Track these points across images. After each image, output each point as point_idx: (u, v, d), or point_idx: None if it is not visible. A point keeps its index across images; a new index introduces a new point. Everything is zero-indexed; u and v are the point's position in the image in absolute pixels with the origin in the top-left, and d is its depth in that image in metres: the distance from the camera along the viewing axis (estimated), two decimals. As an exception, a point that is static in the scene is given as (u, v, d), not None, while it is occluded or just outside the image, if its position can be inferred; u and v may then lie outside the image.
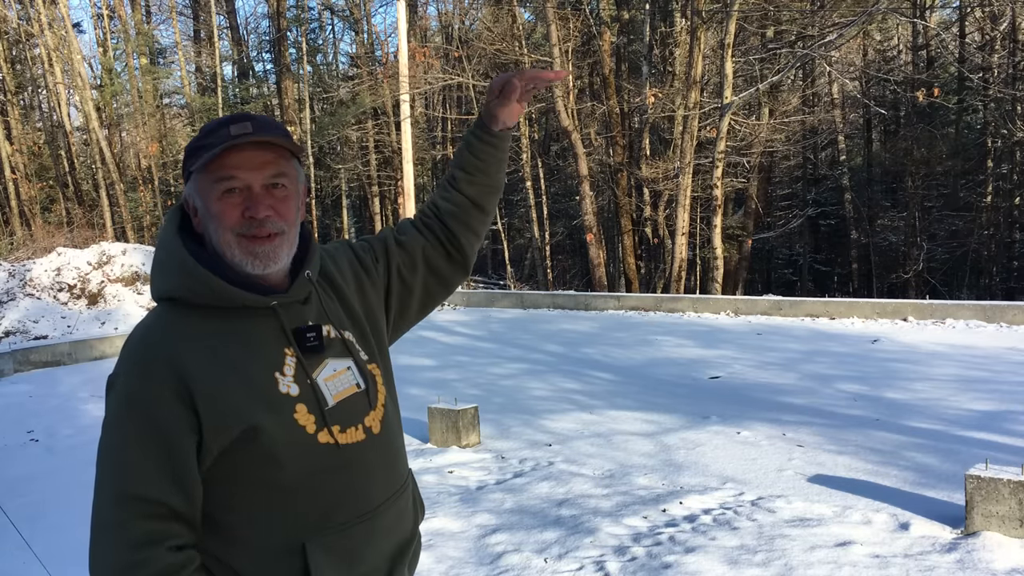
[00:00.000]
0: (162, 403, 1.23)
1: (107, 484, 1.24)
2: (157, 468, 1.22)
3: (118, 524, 1.21)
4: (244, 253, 1.30)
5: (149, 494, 1.21)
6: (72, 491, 5.06)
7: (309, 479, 1.29)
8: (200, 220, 1.33)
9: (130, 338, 1.32)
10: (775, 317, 11.88)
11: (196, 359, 1.25)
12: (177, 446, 1.23)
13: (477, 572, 3.59)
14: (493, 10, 21.93)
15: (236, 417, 1.24)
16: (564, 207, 24.72)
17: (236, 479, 1.27)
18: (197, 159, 1.30)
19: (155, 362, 1.25)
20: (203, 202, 1.31)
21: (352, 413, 1.36)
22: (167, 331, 1.29)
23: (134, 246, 15.56)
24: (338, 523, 1.31)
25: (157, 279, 1.34)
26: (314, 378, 1.32)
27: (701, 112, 16.49)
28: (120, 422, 1.25)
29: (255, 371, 1.28)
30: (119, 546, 1.21)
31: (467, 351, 10.25)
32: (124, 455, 1.23)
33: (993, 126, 19.83)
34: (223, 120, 1.33)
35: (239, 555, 1.29)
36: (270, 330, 1.32)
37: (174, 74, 27.39)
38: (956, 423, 5.91)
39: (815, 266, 23.49)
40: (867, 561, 3.51)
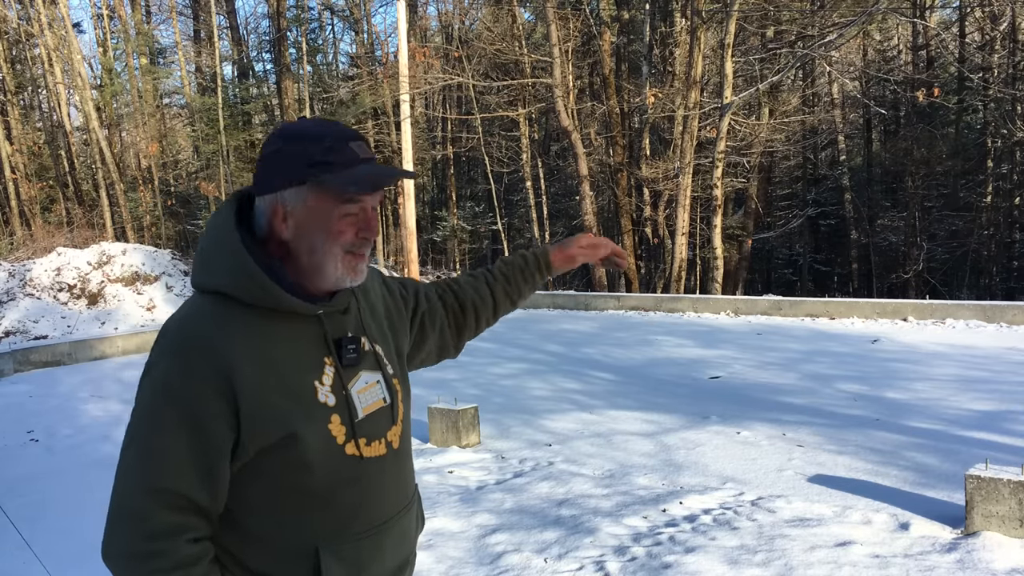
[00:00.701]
0: (204, 397, 1.22)
1: (134, 471, 1.23)
2: (189, 462, 1.22)
3: (140, 513, 1.21)
4: (347, 269, 1.32)
5: (178, 487, 1.22)
6: (72, 491, 5.06)
7: (332, 488, 1.31)
8: (294, 229, 1.31)
9: (171, 326, 1.30)
10: (775, 317, 11.88)
11: (241, 357, 1.24)
12: (213, 443, 1.23)
13: (477, 572, 3.59)
14: (493, 10, 21.93)
15: (277, 422, 1.25)
16: (564, 207, 24.72)
17: (264, 480, 1.28)
18: (323, 173, 1.28)
19: (200, 354, 1.23)
20: (315, 217, 1.30)
21: (377, 427, 1.38)
22: (213, 324, 1.27)
23: (134, 246, 15.57)
24: (352, 533, 1.33)
25: (206, 271, 1.32)
26: (349, 390, 1.34)
27: (701, 112, 16.49)
28: (156, 410, 1.23)
29: (297, 377, 1.29)
30: (138, 535, 1.21)
31: (467, 351, 10.15)
32: (157, 445, 1.22)
33: (993, 126, 19.83)
34: (338, 133, 1.31)
35: (253, 553, 1.30)
36: (313, 338, 1.33)
37: (174, 74, 27.39)
38: (956, 423, 5.91)
39: (815, 266, 23.49)
40: (867, 561, 3.51)
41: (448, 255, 25.86)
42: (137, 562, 1.21)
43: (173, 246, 20.67)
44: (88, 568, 3.80)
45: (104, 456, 5.88)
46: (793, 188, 24.33)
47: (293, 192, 1.30)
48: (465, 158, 27.82)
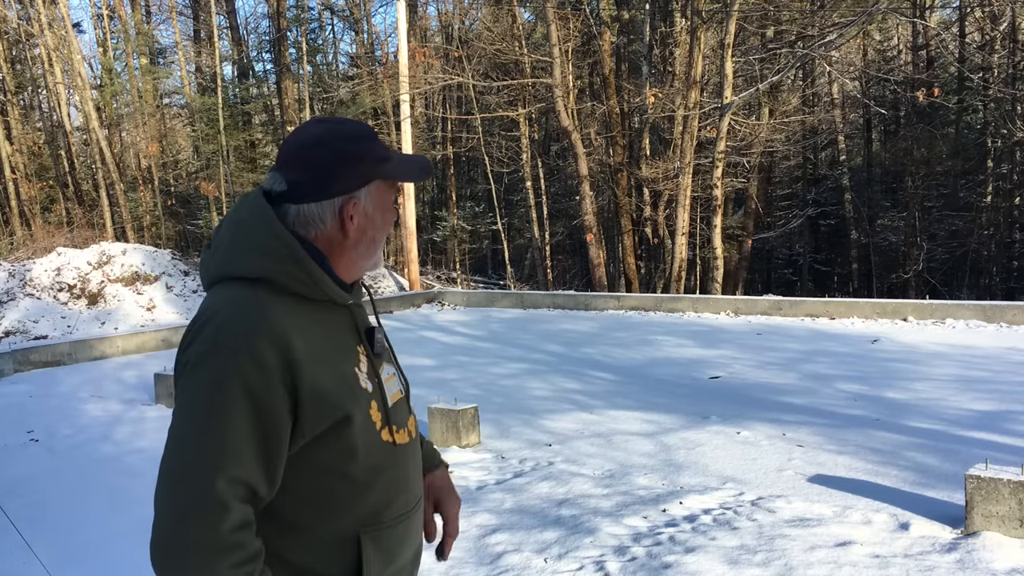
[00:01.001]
0: (268, 385, 1.21)
1: (204, 460, 1.18)
2: (255, 451, 1.20)
3: (220, 503, 1.17)
4: (377, 256, 1.43)
5: (247, 476, 1.20)
6: (72, 491, 5.06)
7: (373, 475, 1.33)
8: (360, 226, 1.37)
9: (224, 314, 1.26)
10: (775, 317, 11.88)
11: (298, 342, 1.25)
12: (277, 430, 1.22)
13: (477, 572, 3.59)
14: (493, 10, 21.92)
15: (334, 404, 1.27)
16: (564, 207, 24.71)
17: (311, 467, 1.28)
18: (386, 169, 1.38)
19: (262, 340, 1.22)
20: (378, 210, 1.39)
21: (401, 416, 1.43)
22: (271, 310, 1.26)
23: (134, 246, 15.57)
24: (387, 520, 1.36)
25: (251, 258, 1.30)
26: (381, 377, 1.40)
27: (701, 112, 16.48)
28: (221, 398, 1.20)
29: (343, 363, 1.33)
30: (217, 527, 1.16)
31: (467, 351, 10.25)
32: (226, 433, 1.19)
33: (993, 126, 19.82)
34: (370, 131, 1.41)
35: (293, 543, 1.29)
36: (346, 327, 1.38)
37: (174, 74, 27.37)
38: (956, 423, 5.91)
39: (815, 266, 23.49)
40: (867, 561, 3.51)
41: (448, 255, 25.85)
42: (212, 558, 1.16)
43: (173, 246, 20.67)
44: (88, 568, 3.80)
45: (104, 456, 5.88)
46: (793, 188, 24.32)
47: (363, 192, 1.36)
48: (465, 158, 27.82)
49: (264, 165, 26.32)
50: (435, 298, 16.06)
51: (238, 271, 1.31)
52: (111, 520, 4.43)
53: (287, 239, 1.30)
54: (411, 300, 15.60)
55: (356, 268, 1.40)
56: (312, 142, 1.35)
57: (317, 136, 1.36)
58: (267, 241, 1.31)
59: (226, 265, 1.32)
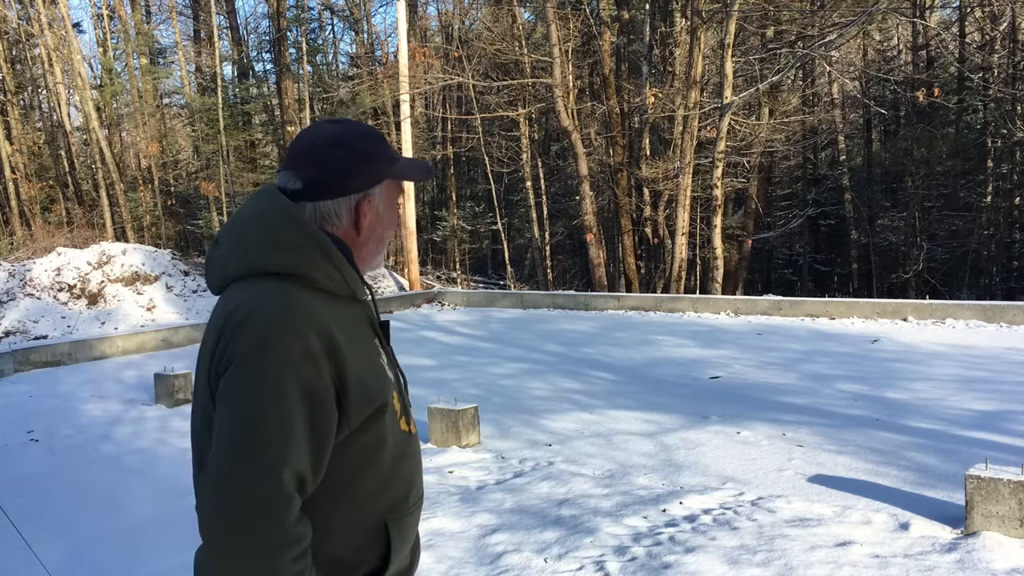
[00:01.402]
0: (321, 376, 1.23)
1: (271, 454, 1.18)
2: (310, 444, 1.22)
3: (288, 497, 1.18)
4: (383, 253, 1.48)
5: (304, 469, 1.22)
6: (72, 491, 5.06)
7: (395, 463, 1.37)
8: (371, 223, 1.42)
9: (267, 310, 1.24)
10: (775, 317, 11.88)
11: (338, 335, 1.27)
12: (329, 424, 1.24)
13: (477, 572, 3.59)
14: (493, 10, 21.92)
15: (374, 392, 1.31)
16: (564, 207, 24.70)
17: (353, 456, 1.31)
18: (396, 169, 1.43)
19: (312, 330, 1.23)
20: (387, 208, 1.44)
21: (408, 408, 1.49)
22: (310, 305, 1.27)
23: (134, 246, 15.57)
24: (409, 505, 1.41)
25: (282, 254, 1.29)
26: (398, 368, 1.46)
27: (701, 112, 16.48)
28: (282, 389, 1.19)
29: (372, 354, 1.37)
30: (283, 520, 1.17)
31: (467, 351, 10.25)
32: (288, 425, 1.19)
33: (993, 126, 19.82)
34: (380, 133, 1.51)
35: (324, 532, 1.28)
36: (365, 320, 1.41)
37: (174, 74, 27.37)
38: (956, 423, 5.91)
39: (815, 266, 23.49)
40: (867, 561, 3.51)
41: (448, 255, 25.85)
42: (281, 550, 1.16)
43: (173, 246, 20.67)
44: (88, 567, 3.80)
45: (104, 456, 5.88)
46: (793, 188, 24.32)
47: (376, 190, 1.41)
48: (465, 158, 27.82)
49: (264, 165, 26.31)
50: (435, 298, 16.06)
51: (268, 266, 1.29)
52: (111, 520, 4.43)
53: (318, 235, 1.32)
54: (411, 300, 15.60)
55: (365, 265, 1.44)
56: (327, 141, 1.36)
57: (333, 135, 1.38)
58: (296, 236, 1.31)
59: (252, 260, 1.30)
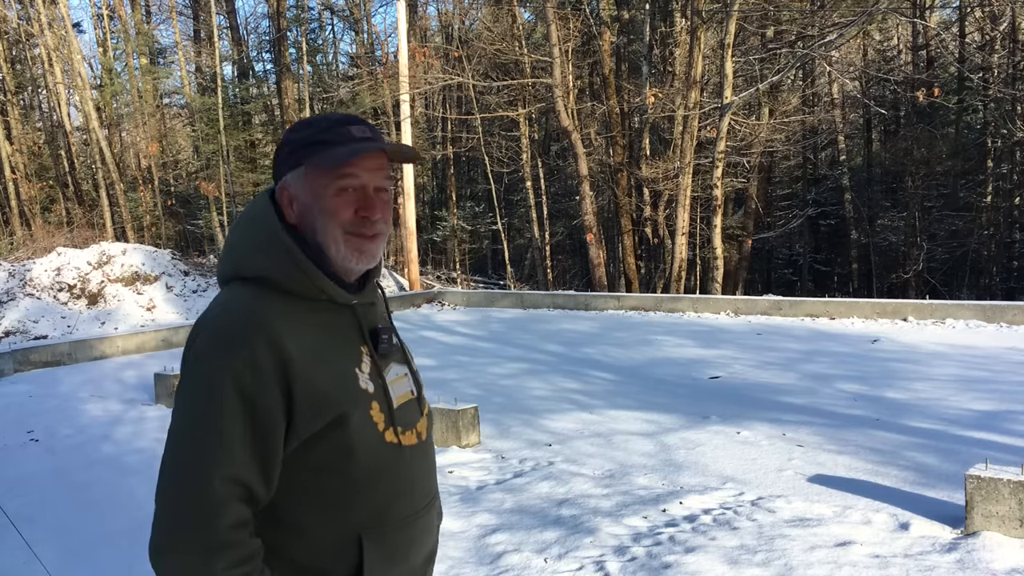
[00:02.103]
0: (262, 385, 1.22)
1: (201, 461, 1.20)
2: (250, 451, 1.22)
3: (216, 503, 1.18)
4: (351, 250, 1.34)
5: (243, 476, 1.21)
6: (72, 491, 5.06)
7: (374, 475, 1.33)
8: (298, 211, 1.35)
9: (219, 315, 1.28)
10: (775, 317, 11.88)
11: (294, 343, 1.26)
12: (271, 431, 1.23)
13: (477, 572, 3.59)
14: (493, 10, 21.92)
15: (329, 404, 1.27)
16: (564, 207, 24.70)
17: (311, 467, 1.28)
18: (315, 152, 1.32)
19: (257, 341, 1.23)
20: (312, 195, 1.34)
21: (410, 417, 1.42)
22: (265, 311, 1.27)
23: (134, 246, 15.57)
24: (392, 522, 1.35)
25: (250, 258, 1.33)
26: (385, 378, 1.39)
27: (701, 112, 16.48)
28: (217, 400, 1.21)
29: (341, 363, 1.32)
30: (215, 527, 1.18)
31: (467, 351, 10.25)
32: (222, 434, 1.20)
33: (993, 126, 19.82)
34: (337, 118, 1.36)
35: (294, 543, 1.30)
36: (349, 327, 1.37)
37: (174, 74, 27.37)
38: (956, 423, 5.91)
39: (815, 266, 23.48)
40: (867, 561, 3.51)
41: (448, 255, 25.85)
42: (210, 557, 1.17)
43: (173, 246, 20.67)
44: (88, 567, 3.80)
45: (104, 456, 5.88)
46: (793, 188, 24.31)
47: (293, 175, 1.35)
48: (465, 158, 27.81)
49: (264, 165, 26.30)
50: (435, 298, 16.06)
51: (239, 271, 1.34)
52: (111, 520, 4.43)
53: (281, 236, 1.32)
54: (411, 300, 15.60)
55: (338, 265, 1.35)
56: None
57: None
58: (265, 238, 1.33)
59: (232, 265, 1.35)
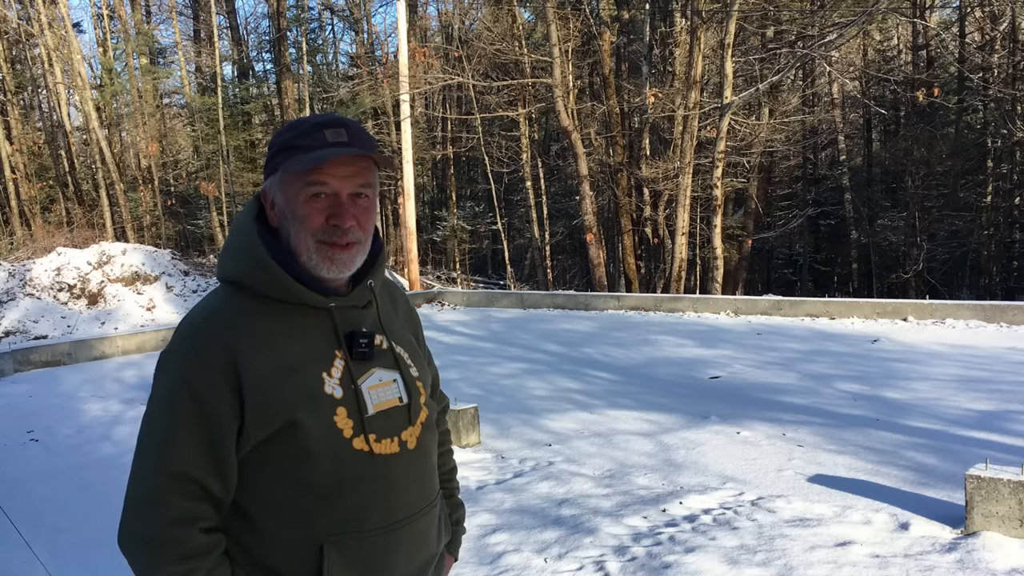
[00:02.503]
0: (211, 384, 1.25)
1: (150, 458, 1.26)
2: (202, 450, 1.25)
3: (158, 499, 1.24)
4: (322, 258, 1.32)
5: (191, 473, 1.24)
6: (72, 491, 5.06)
7: (339, 483, 1.30)
8: (276, 215, 1.36)
9: (190, 316, 1.34)
10: (775, 317, 11.88)
11: (250, 346, 1.27)
12: (221, 431, 1.25)
13: (477, 572, 3.59)
14: (493, 10, 21.92)
15: (279, 410, 1.26)
16: (564, 207, 24.71)
17: (268, 470, 1.29)
18: (289, 157, 1.32)
19: (211, 344, 1.27)
20: (285, 201, 1.33)
21: (391, 425, 1.37)
22: (226, 315, 1.30)
23: (134, 246, 15.57)
24: (361, 530, 1.32)
25: (225, 261, 1.36)
26: (358, 384, 1.34)
27: (701, 112, 16.48)
28: (170, 399, 1.27)
29: (304, 368, 1.30)
30: (156, 520, 1.23)
31: (467, 351, 10.25)
32: (171, 432, 1.25)
33: (993, 126, 19.82)
34: (316, 121, 1.34)
35: (259, 543, 1.31)
36: (323, 330, 1.34)
37: (174, 74, 27.38)
38: (956, 423, 5.91)
39: (815, 266, 23.49)
40: (867, 561, 3.51)
41: (448, 255, 25.86)
42: (152, 548, 1.23)
43: (173, 246, 20.67)
44: (88, 567, 3.80)
45: (104, 456, 5.88)
46: (793, 188, 24.32)
47: (271, 180, 1.36)
48: (465, 158, 27.82)
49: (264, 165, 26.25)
50: (435, 298, 16.06)
51: (219, 274, 1.37)
52: (111, 520, 4.41)
53: (251, 239, 1.33)
54: (411, 300, 15.58)
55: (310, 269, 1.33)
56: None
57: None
58: (239, 243, 1.35)
59: (218, 267, 1.39)
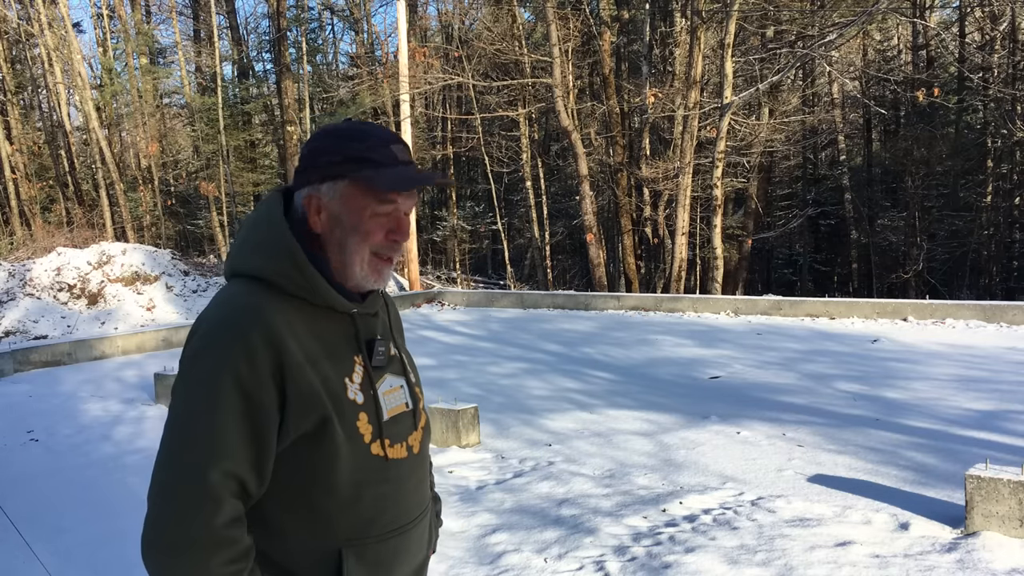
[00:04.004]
0: (260, 379, 1.22)
1: (198, 456, 1.19)
2: (248, 446, 1.22)
3: (210, 498, 1.18)
4: (371, 270, 1.35)
5: (240, 472, 1.21)
6: (72, 491, 5.06)
7: (356, 487, 1.31)
8: (326, 221, 1.34)
9: (220, 310, 1.29)
10: (775, 317, 11.88)
11: (289, 341, 1.26)
12: (267, 426, 1.23)
13: (477, 572, 3.59)
14: (493, 10, 21.92)
15: (316, 406, 1.26)
16: (564, 207, 24.71)
17: (294, 471, 1.28)
18: (361, 170, 1.31)
19: (255, 335, 1.23)
20: (347, 213, 1.32)
21: (401, 430, 1.40)
22: (263, 309, 1.27)
23: (134, 246, 15.56)
24: (375, 534, 1.34)
25: (253, 257, 1.33)
26: (377, 389, 1.36)
27: (701, 112, 16.48)
28: (215, 393, 1.21)
29: (332, 371, 1.31)
30: (208, 521, 1.17)
31: (467, 351, 10.25)
32: (220, 428, 1.20)
33: (993, 126, 19.82)
34: (382, 135, 1.35)
35: (277, 547, 1.30)
36: (345, 335, 1.36)
37: (174, 74, 27.39)
38: (956, 423, 5.91)
39: (815, 266, 23.49)
40: (867, 561, 3.51)
41: (448, 255, 25.85)
42: (201, 551, 1.17)
43: (173, 246, 20.68)
44: (89, 567, 3.80)
45: (104, 456, 5.88)
46: (793, 188, 24.33)
47: (330, 186, 1.33)
48: (465, 158, 27.81)
49: (264, 165, 26.30)
50: (435, 298, 16.06)
51: (242, 268, 1.34)
52: (111, 520, 4.43)
53: (287, 239, 1.31)
54: (411, 300, 15.60)
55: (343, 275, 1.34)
56: (313, 135, 1.39)
57: (318, 129, 1.41)
58: (269, 239, 1.32)
59: (234, 262, 1.35)
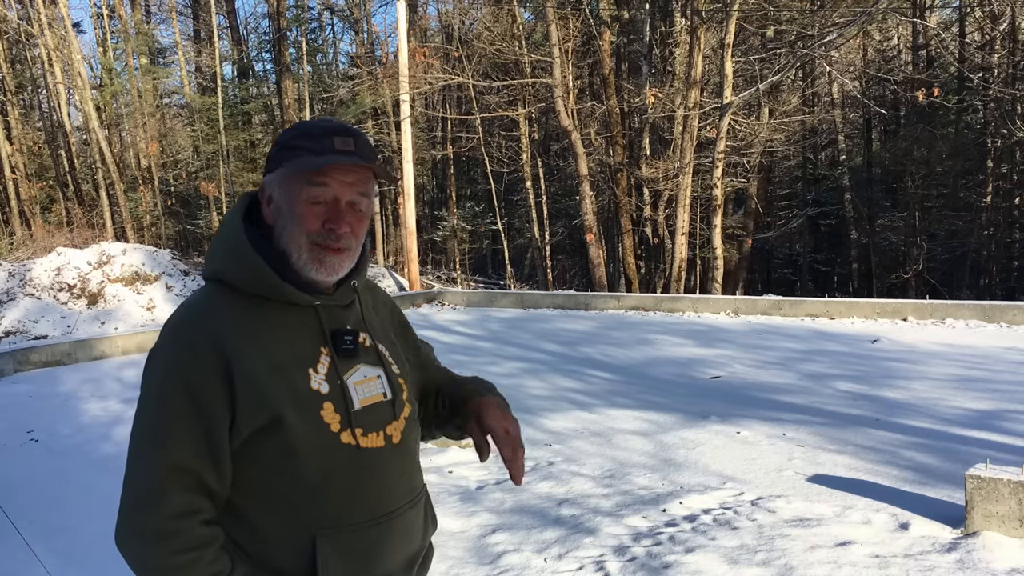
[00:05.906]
0: (205, 378, 1.26)
1: (147, 453, 1.27)
2: (196, 442, 1.26)
3: (158, 492, 1.24)
4: (312, 260, 1.35)
5: (189, 466, 1.25)
6: (72, 491, 5.06)
7: (328, 477, 1.33)
8: (272, 212, 1.38)
9: (176, 313, 1.36)
10: (775, 317, 11.88)
11: (239, 342, 1.29)
12: (215, 423, 1.27)
13: (477, 572, 3.58)
14: (493, 10, 21.91)
15: (266, 404, 1.28)
16: (564, 207, 24.70)
17: (258, 465, 1.31)
18: (294, 157, 1.34)
19: (200, 337, 1.29)
20: (285, 200, 1.36)
21: (376, 420, 1.40)
22: (213, 310, 1.33)
23: (134, 246, 15.56)
24: (351, 523, 1.35)
25: (211, 259, 1.38)
26: (344, 379, 1.37)
27: (701, 112, 16.49)
28: (163, 393, 1.28)
29: (290, 364, 1.32)
30: (156, 514, 1.24)
31: (466, 350, 10.25)
32: (166, 425, 1.26)
33: (993, 126, 19.82)
34: (326, 126, 1.37)
35: (252, 539, 1.33)
36: (309, 328, 1.37)
37: (174, 74, 27.38)
38: (956, 423, 5.91)
39: (815, 266, 23.49)
40: (867, 561, 3.51)
41: (448, 255, 25.85)
42: (154, 543, 1.24)
43: (173, 246, 20.67)
44: (88, 567, 3.80)
45: (104, 456, 5.88)
46: (793, 188, 24.33)
47: (271, 176, 1.38)
48: (465, 158, 27.81)
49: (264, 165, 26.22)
50: (435, 298, 16.06)
51: (207, 272, 1.39)
52: (111, 520, 4.42)
53: (239, 240, 1.35)
54: (411, 300, 15.60)
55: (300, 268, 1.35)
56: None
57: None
58: (225, 240, 1.38)
59: (204, 266, 1.41)
